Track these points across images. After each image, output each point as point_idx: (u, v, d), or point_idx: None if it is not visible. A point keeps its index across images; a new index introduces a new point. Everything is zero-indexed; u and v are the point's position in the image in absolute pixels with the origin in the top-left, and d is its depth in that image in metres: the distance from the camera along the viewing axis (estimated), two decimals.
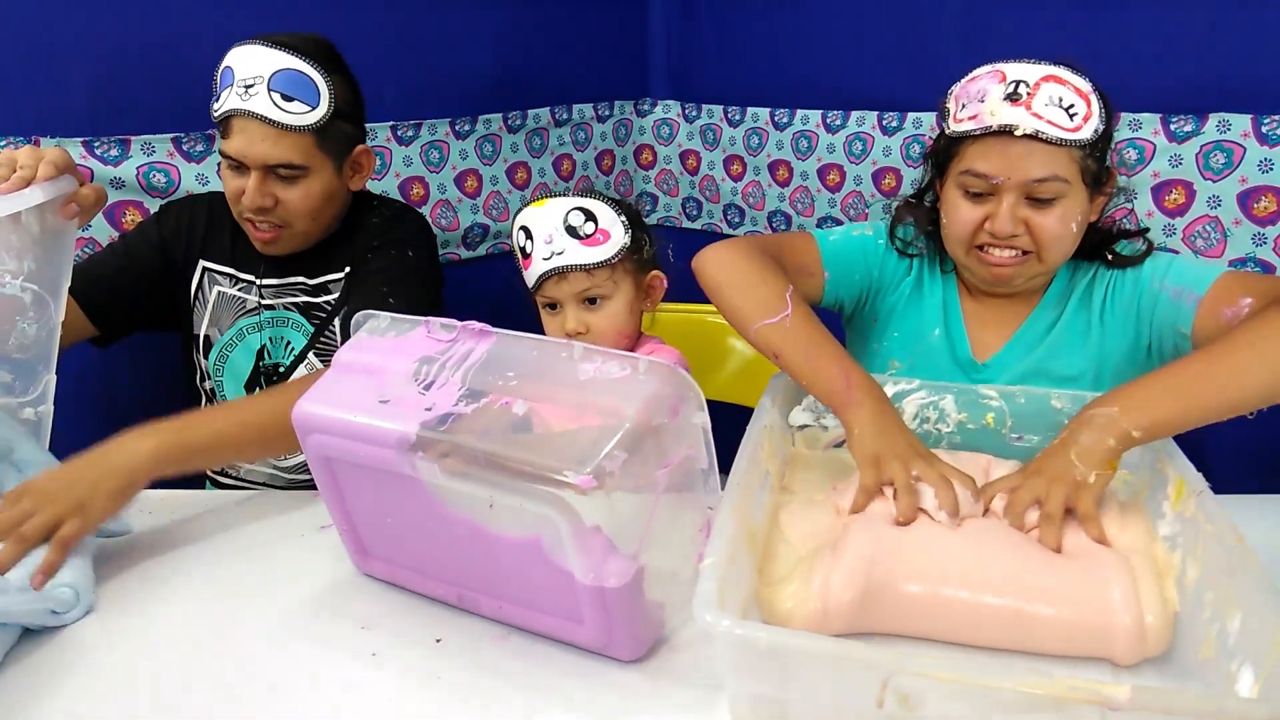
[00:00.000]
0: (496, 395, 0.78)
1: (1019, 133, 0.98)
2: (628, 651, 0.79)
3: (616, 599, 0.75)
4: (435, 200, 1.89)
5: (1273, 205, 1.41)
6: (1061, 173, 1.00)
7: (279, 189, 1.19)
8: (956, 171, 1.06)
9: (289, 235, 1.24)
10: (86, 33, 1.42)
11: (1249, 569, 0.68)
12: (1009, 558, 0.79)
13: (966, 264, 1.10)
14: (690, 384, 0.76)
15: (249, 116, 1.14)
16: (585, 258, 1.06)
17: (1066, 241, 1.04)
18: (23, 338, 0.97)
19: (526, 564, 0.78)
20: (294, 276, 1.30)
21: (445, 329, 0.85)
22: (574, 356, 0.79)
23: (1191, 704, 0.56)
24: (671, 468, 0.76)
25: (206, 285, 1.32)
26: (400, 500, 0.84)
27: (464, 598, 0.87)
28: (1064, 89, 0.99)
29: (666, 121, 2.24)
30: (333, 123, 1.19)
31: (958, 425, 1.00)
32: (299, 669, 0.80)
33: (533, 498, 0.72)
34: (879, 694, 0.60)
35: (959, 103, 1.05)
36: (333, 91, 1.18)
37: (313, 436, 0.84)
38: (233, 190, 1.20)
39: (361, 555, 0.93)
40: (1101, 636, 0.73)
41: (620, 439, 0.71)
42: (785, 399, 1.03)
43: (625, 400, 0.74)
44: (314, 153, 1.19)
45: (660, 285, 1.16)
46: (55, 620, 0.84)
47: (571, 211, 1.07)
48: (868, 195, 1.90)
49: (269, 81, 1.14)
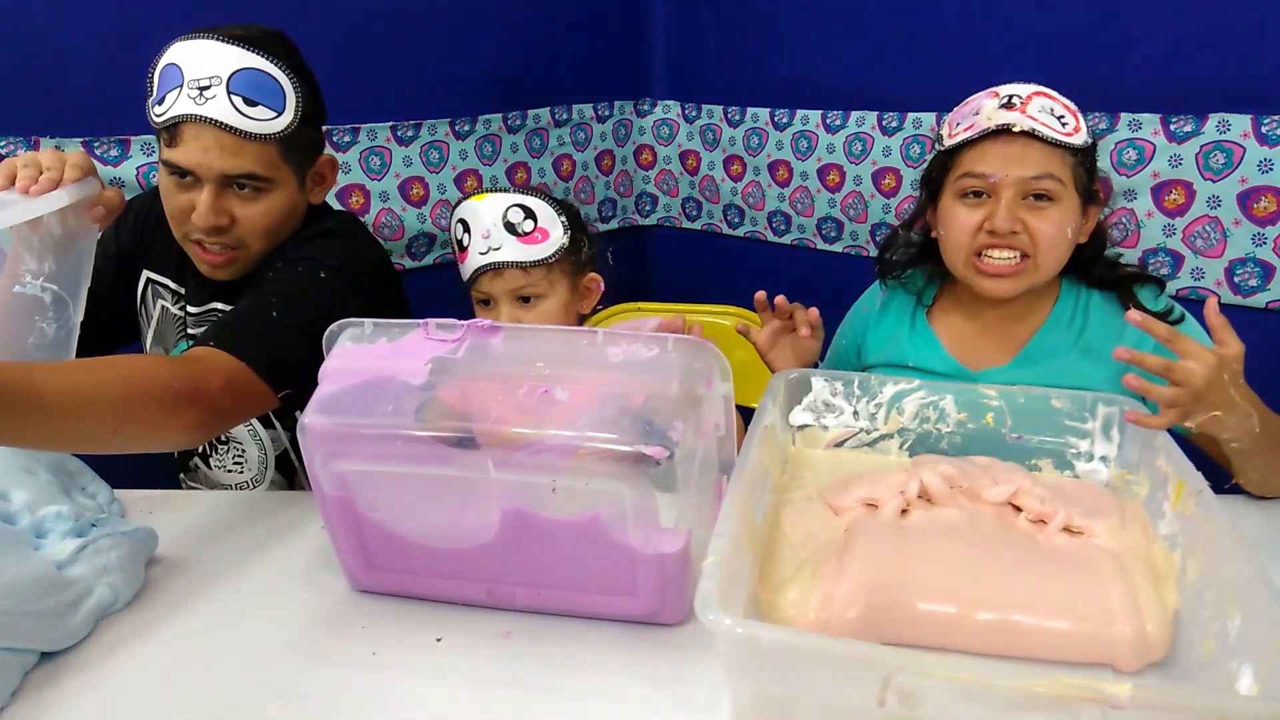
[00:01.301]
0: (533, 385, 0.79)
1: (1016, 129, 1.03)
2: (675, 615, 0.84)
3: (672, 565, 0.79)
4: (435, 200, 1.89)
5: (1273, 205, 1.41)
6: (1056, 172, 1.04)
7: (236, 205, 1.04)
8: (954, 179, 1.09)
9: (244, 258, 1.09)
10: (86, 33, 1.42)
11: (1249, 568, 0.68)
12: (1010, 569, 0.78)
13: (966, 277, 1.11)
14: (718, 355, 0.81)
15: (204, 123, 0.99)
16: (522, 255, 1.06)
17: (1062, 247, 1.07)
18: (41, 337, 0.97)
19: (579, 544, 0.80)
20: (214, 303, 1.16)
21: (445, 329, 0.84)
22: (596, 342, 0.81)
23: (1192, 702, 0.56)
24: (706, 437, 0.81)
25: (150, 299, 1.21)
26: (431, 503, 0.84)
27: (495, 593, 0.87)
28: (1054, 103, 1.06)
29: (666, 121, 2.24)
30: (299, 129, 1.05)
31: (957, 425, 1.00)
32: (299, 669, 0.80)
33: (602, 476, 0.75)
34: (880, 693, 0.60)
35: (953, 124, 1.10)
36: (298, 93, 1.04)
37: (326, 449, 0.82)
38: (180, 206, 1.05)
39: (366, 571, 0.90)
40: (1103, 646, 0.73)
41: (677, 411, 0.76)
42: (786, 399, 1.03)
43: (666, 376, 0.77)
44: (278, 164, 1.05)
45: (596, 288, 1.15)
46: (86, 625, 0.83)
47: (511, 208, 1.06)
48: (867, 195, 1.90)
49: (228, 83, 1.00)
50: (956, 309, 1.20)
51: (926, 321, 1.21)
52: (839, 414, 1.04)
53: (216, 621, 0.87)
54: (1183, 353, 0.88)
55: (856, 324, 1.30)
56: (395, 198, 1.84)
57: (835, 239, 2.00)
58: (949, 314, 1.20)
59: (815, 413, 1.04)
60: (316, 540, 1.01)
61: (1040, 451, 0.98)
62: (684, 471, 0.76)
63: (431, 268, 1.94)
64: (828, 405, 1.04)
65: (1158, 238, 1.53)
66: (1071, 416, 0.96)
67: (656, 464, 0.73)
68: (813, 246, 2.04)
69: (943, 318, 1.21)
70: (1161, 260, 1.53)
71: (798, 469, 1.01)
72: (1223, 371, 0.87)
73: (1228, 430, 0.91)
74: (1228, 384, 0.87)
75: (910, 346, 1.20)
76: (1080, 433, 0.97)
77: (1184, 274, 1.52)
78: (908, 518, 0.87)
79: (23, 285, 0.96)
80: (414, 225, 1.88)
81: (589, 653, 0.82)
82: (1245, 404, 0.89)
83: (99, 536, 0.87)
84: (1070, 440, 0.97)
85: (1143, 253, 1.54)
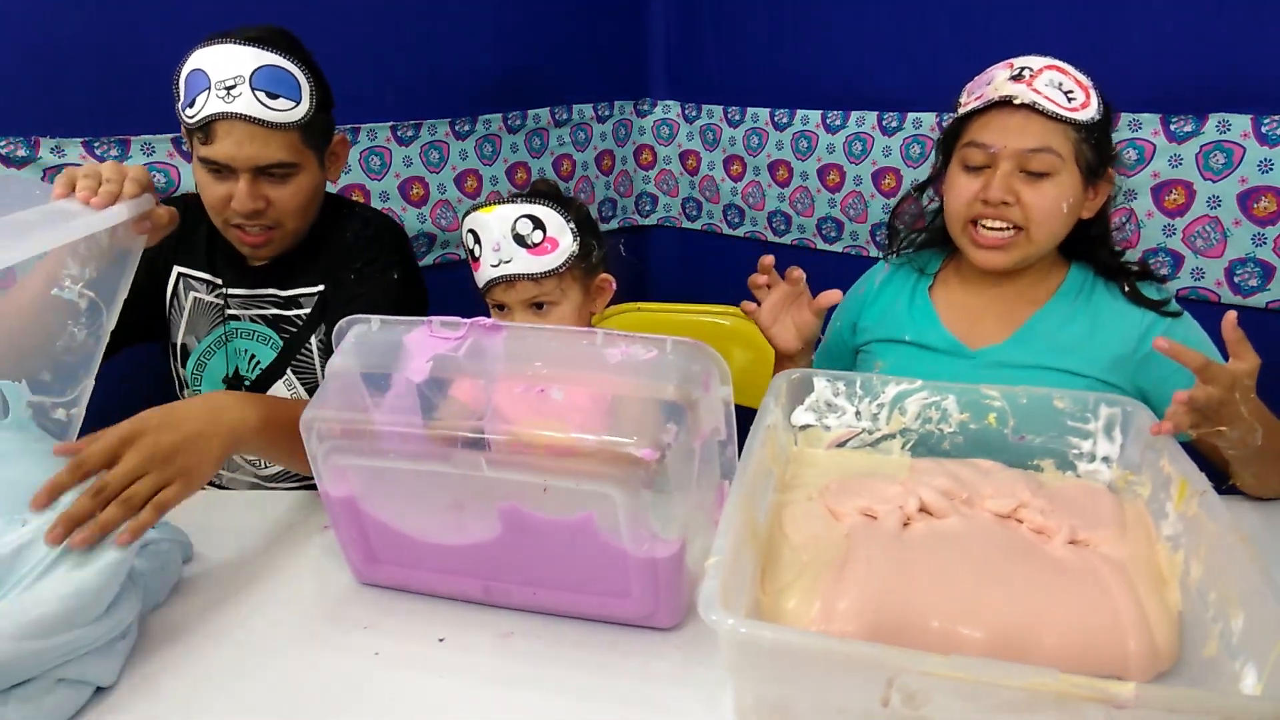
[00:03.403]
0: (530, 384, 0.79)
1: (1017, 101, 1.05)
2: (670, 619, 0.83)
3: (666, 569, 0.78)
4: (435, 200, 1.89)
5: (1273, 205, 1.41)
6: (1055, 146, 1.05)
7: (270, 190, 1.16)
8: (960, 147, 1.11)
9: (281, 236, 1.21)
10: (86, 33, 1.42)
11: (1252, 568, 0.68)
12: (1015, 585, 0.77)
13: (962, 245, 1.13)
14: (716, 358, 0.80)
15: (235, 119, 1.10)
16: (533, 267, 1.06)
17: (1056, 221, 1.08)
18: (70, 341, 0.96)
19: (572, 545, 0.80)
20: (266, 288, 1.26)
21: (448, 327, 0.85)
22: (596, 343, 0.81)
23: (1196, 703, 0.56)
24: (704, 440, 0.80)
25: (182, 291, 1.29)
26: (430, 500, 0.84)
27: (492, 590, 0.87)
28: (1064, 77, 1.07)
29: (666, 121, 2.24)
30: (316, 115, 1.17)
31: (959, 425, 1.00)
32: (301, 669, 0.80)
33: (593, 477, 0.74)
34: (884, 693, 0.60)
35: (969, 93, 1.12)
36: (311, 83, 1.15)
37: (328, 443, 0.83)
38: (219, 196, 1.16)
39: (368, 564, 0.91)
40: (1115, 663, 0.72)
41: (670, 413, 0.75)
42: (788, 399, 1.03)
43: (663, 379, 0.77)
44: (301, 148, 1.16)
45: (608, 288, 1.16)
46: None
47: (520, 220, 1.06)
48: (867, 195, 1.90)
49: (251, 80, 1.10)
50: (959, 283, 1.20)
51: (927, 295, 1.21)
52: (841, 414, 1.04)
53: (217, 621, 0.87)
54: (1210, 379, 0.86)
55: (852, 305, 1.30)
56: (395, 198, 1.84)
57: (835, 239, 2.00)
58: (951, 288, 1.21)
59: (817, 413, 1.04)
60: (319, 541, 1.01)
61: (1042, 452, 0.98)
62: (677, 475, 0.76)
63: (432, 267, 1.94)
64: (830, 405, 1.04)
65: (1158, 238, 1.53)
66: (1074, 417, 0.96)
67: (647, 466, 0.73)
68: (813, 246, 2.04)
69: (944, 291, 1.21)
70: (1162, 260, 1.53)
71: (800, 469, 1.01)
72: (1236, 390, 0.87)
73: (1228, 442, 0.91)
74: (1239, 400, 0.87)
75: (909, 320, 1.21)
76: (1083, 433, 0.96)
77: (1184, 274, 1.52)
78: (909, 529, 0.86)
79: (61, 289, 0.94)
80: (414, 225, 1.88)
81: (590, 654, 0.82)
82: (1251, 419, 0.89)
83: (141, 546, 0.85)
84: (1072, 441, 0.97)
85: (1143, 253, 1.54)
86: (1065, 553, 0.82)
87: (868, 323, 1.26)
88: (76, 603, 0.74)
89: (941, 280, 1.22)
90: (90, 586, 0.75)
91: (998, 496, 0.89)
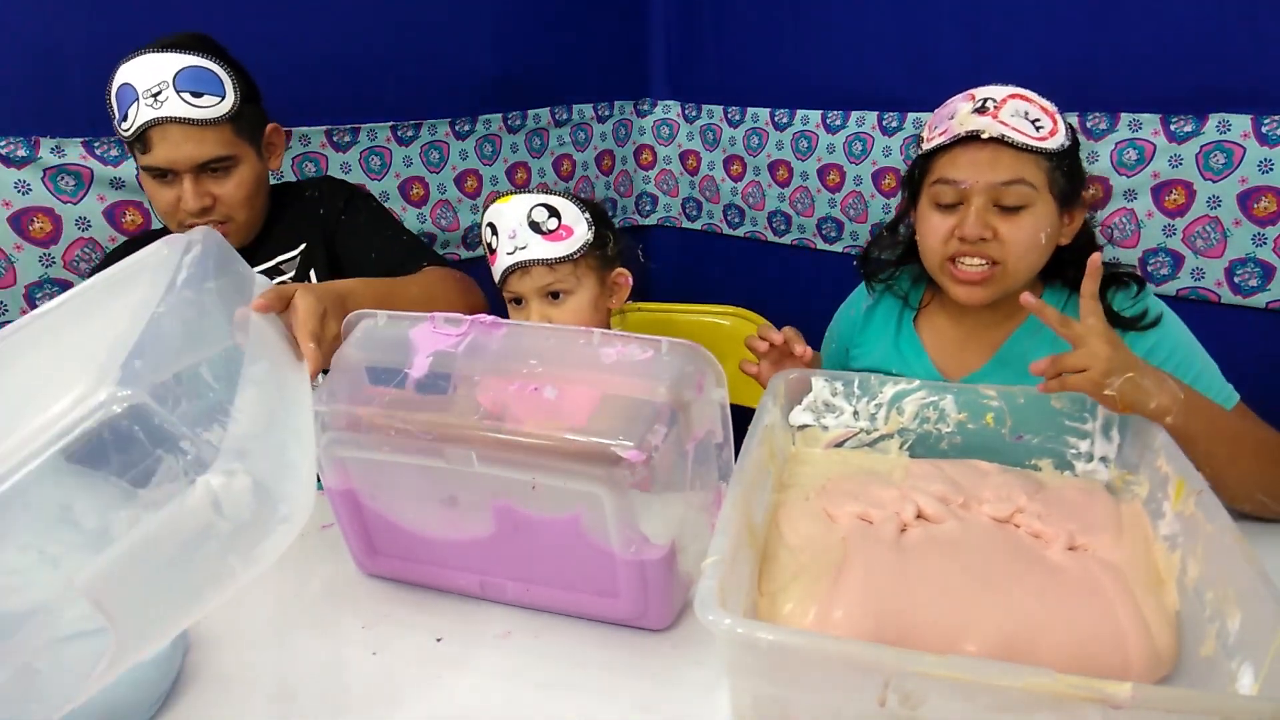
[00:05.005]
0: (524, 382, 0.79)
1: (985, 135, 1.02)
2: (660, 621, 0.83)
3: (654, 571, 0.78)
4: (435, 200, 1.89)
5: (1273, 205, 1.41)
6: (1028, 177, 1.02)
7: (214, 186, 1.21)
8: (929, 184, 1.09)
9: (234, 229, 1.25)
10: (86, 33, 1.42)
11: (1249, 568, 0.68)
12: (1014, 592, 0.76)
13: (942, 282, 1.12)
14: (711, 361, 0.80)
15: (167, 123, 1.15)
16: (547, 252, 1.08)
17: (1035, 253, 1.06)
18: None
19: (562, 544, 0.80)
20: None
21: (451, 323, 0.86)
22: (593, 342, 0.81)
23: (1193, 702, 0.56)
24: (697, 442, 0.80)
25: None
26: (425, 494, 0.85)
27: (487, 585, 0.88)
28: (1029, 105, 1.04)
29: (666, 121, 2.24)
30: (243, 108, 1.21)
31: (957, 425, 1.01)
32: (300, 668, 0.80)
33: (579, 476, 0.74)
34: (881, 693, 0.60)
35: (932, 128, 1.10)
36: (233, 78, 1.20)
37: (329, 434, 0.84)
38: (167, 201, 1.20)
39: (369, 555, 0.93)
40: (1114, 669, 0.71)
41: (659, 414, 0.75)
42: (786, 398, 1.03)
43: (655, 379, 0.77)
44: (236, 141, 1.21)
45: (625, 283, 1.16)
46: None
47: (535, 207, 1.08)
48: (867, 195, 1.90)
49: (175, 83, 1.15)
50: (942, 312, 1.20)
51: (913, 328, 1.21)
52: (839, 414, 1.04)
53: (215, 621, 0.87)
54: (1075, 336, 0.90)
55: (844, 327, 1.30)
56: (395, 198, 1.84)
57: (835, 239, 2.00)
58: (935, 318, 1.21)
59: (815, 413, 1.04)
60: (318, 540, 1.01)
61: (1040, 452, 0.98)
62: (666, 477, 0.76)
63: None
64: (828, 405, 1.04)
65: (1158, 238, 1.53)
66: (1071, 417, 0.97)
67: (633, 467, 0.72)
68: (813, 246, 2.04)
69: (929, 322, 1.21)
70: (1161, 260, 1.53)
71: (797, 469, 1.01)
72: (1106, 341, 0.88)
73: (1150, 396, 0.89)
74: (1109, 358, 0.88)
75: (895, 354, 1.21)
76: (1080, 433, 0.97)
77: (1184, 274, 1.52)
78: (905, 535, 0.85)
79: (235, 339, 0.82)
80: (414, 225, 1.88)
81: (588, 653, 0.82)
82: (1156, 370, 0.90)
83: None
84: (1070, 440, 0.97)
85: (1143, 253, 1.54)
86: (1063, 558, 0.81)
87: (859, 351, 1.26)
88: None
89: (926, 310, 1.22)
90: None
91: (995, 500, 0.89)
